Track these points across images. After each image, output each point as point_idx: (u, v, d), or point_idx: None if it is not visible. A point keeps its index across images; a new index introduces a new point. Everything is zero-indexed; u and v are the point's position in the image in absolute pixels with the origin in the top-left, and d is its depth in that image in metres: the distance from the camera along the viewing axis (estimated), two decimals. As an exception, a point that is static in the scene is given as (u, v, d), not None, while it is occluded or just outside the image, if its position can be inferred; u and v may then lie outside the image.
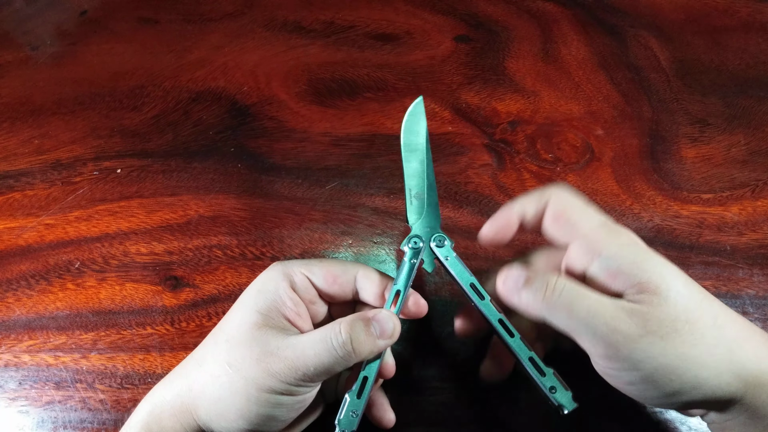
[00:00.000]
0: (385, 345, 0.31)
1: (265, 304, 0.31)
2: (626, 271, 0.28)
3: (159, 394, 0.31)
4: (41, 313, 0.42)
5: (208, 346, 0.32)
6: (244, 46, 0.56)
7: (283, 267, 0.32)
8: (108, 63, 0.56)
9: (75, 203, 0.47)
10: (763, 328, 0.39)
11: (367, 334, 0.29)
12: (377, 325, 0.30)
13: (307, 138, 0.49)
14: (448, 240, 0.34)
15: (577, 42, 0.55)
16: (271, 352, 0.29)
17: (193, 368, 0.31)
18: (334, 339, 0.29)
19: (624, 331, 0.26)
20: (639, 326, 0.26)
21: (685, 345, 0.26)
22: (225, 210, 0.46)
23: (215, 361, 0.30)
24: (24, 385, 0.39)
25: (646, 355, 0.26)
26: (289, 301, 0.31)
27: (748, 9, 0.56)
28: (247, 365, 0.29)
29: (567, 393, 0.31)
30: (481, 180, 0.46)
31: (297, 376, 0.28)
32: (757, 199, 0.44)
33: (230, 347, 0.30)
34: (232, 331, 0.30)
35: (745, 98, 0.50)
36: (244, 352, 0.29)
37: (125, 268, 0.43)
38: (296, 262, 0.33)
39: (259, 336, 0.29)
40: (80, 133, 0.51)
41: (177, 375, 0.32)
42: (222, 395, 0.29)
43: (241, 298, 0.32)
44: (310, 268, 0.32)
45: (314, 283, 0.32)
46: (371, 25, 0.57)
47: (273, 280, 0.32)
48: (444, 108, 0.50)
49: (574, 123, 0.49)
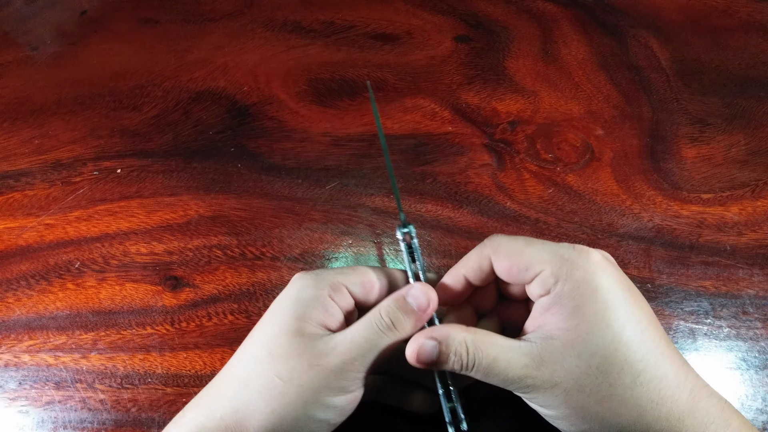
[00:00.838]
0: (428, 316, 0.31)
1: (304, 311, 0.30)
2: (563, 311, 0.28)
3: (197, 422, 0.29)
4: (41, 313, 0.42)
5: (246, 361, 0.31)
6: (244, 46, 0.56)
7: (317, 275, 0.32)
8: (108, 63, 0.56)
9: (75, 203, 0.47)
10: (763, 329, 0.39)
11: (405, 311, 0.30)
12: (412, 300, 0.31)
13: (307, 138, 0.49)
14: (410, 228, 0.35)
15: (577, 42, 0.55)
16: (322, 353, 0.29)
17: (237, 389, 0.30)
18: (378, 324, 0.29)
19: (532, 383, 0.28)
20: (547, 377, 0.27)
21: (590, 402, 0.27)
22: (225, 210, 0.46)
23: (261, 376, 0.29)
24: (24, 385, 0.39)
25: (554, 401, 0.28)
26: (330, 309, 0.31)
27: (748, 9, 0.56)
28: (298, 373, 0.28)
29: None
30: (481, 180, 0.46)
31: (353, 367, 0.29)
32: (757, 199, 0.44)
33: (275, 359, 0.29)
34: (272, 344, 0.30)
35: (745, 98, 0.50)
36: (293, 362, 0.29)
37: (125, 268, 0.43)
38: (328, 271, 0.33)
39: (303, 344, 0.29)
40: (80, 133, 0.51)
41: (215, 398, 0.30)
42: (275, 408, 0.28)
43: (273, 308, 0.32)
44: (346, 276, 0.32)
45: (351, 290, 0.32)
46: (371, 25, 0.57)
47: (311, 288, 0.31)
48: (444, 108, 0.50)
49: (574, 123, 0.49)
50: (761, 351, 0.38)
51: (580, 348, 0.27)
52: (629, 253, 0.42)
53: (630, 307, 0.28)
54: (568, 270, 0.28)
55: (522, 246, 0.30)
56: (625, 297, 0.28)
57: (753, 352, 0.39)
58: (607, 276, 0.28)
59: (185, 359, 0.40)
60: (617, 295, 0.28)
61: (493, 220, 0.44)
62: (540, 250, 0.29)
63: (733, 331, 0.39)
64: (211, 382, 0.32)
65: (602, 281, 0.28)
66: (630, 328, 0.27)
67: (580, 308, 0.27)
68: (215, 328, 0.41)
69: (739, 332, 0.39)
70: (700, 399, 0.27)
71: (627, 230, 0.43)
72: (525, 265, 0.29)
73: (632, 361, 0.27)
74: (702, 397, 0.27)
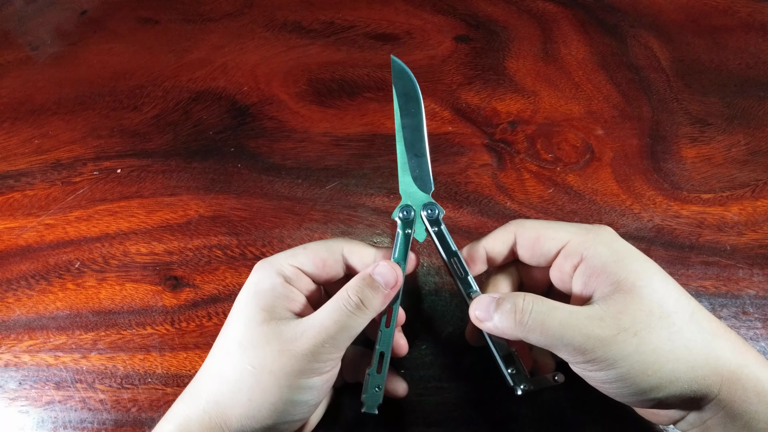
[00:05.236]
0: (394, 292, 0.32)
1: (266, 301, 0.31)
2: (606, 270, 0.29)
3: (182, 414, 0.30)
4: (41, 313, 0.42)
5: (220, 356, 0.31)
6: (244, 46, 0.56)
7: (270, 264, 0.32)
8: (108, 63, 0.56)
9: (75, 203, 0.47)
10: (763, 329, 0.39)
11: (373, 288, 0.30)
12: (379, 278, 0.31)
13: (307, 138, 0.49)
14: (439, 209, 0.34)
15: (577, 42, 0.55)
16: (291, 338, 0.29)
17: (213, 382, 0.31)
18: (346, 304, 0.30)
19: (598, 335, 0.27)
20: (612, 327, 0.27)
21: (661, 340, 0.27)
22: (225, 210, 0.46)
23: (235, 367, 0.30)
24: (24, 385, 0.39)
25: (622, 353, 0.27)
26: (289, 294, 0.31)
27: (748, 9, 0.56)
28: (270, 360, 0.29)
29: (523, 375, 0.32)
30: (481, 180, 0.46)
31: (324, 350, 0.29)
32: (757, 199, 0.44)
33: (245, 349, 0.30)
34: (241, 335, 0.30)
35: (745, 98, 0.50)
36: (263, 349, 0.29)
37: (125, 268, 0.43)
38: (280, 255, 0.33)
39: (271, 330, 0.30)
40: (80, 133, 0.51)
41: (195, 392, 0.31)
42: (252, 396, 0.29)
43: (237, 303, 0.32)
44: (297, 258, 0.33)
45: (305, 271, 0.33)
46: (371, 25, 0.57)
47: (266, 278, 0.32)
48: (444, 108, 0.50)
49: (574, 123, 0.49)
50: (761, 351, 0.38)
51: (637, 294, 0.28)
52: (629, 253, 0.42)
53: (658, 266, 0.30)
54: (595, 237, 0.30)
55: (546, 223, 0.32)
56: (650, 259, 0.30)
57: (753, 352, 0.39)
58: (628, 243, 0.30)
59: (185, 359, 0.40)
60: (645, 255, 0.30)
61: (493, 220, 0.44)
62: (563, 225, 0.32)
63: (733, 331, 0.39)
64: (192, 380, 0.32)
65: (627, 245, 0.30)
66: (670, 279, 0.29)
67: (624, 263, 0.29)
68: (215, 328, 0.41)
69: (739, 332, 0.39)
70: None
71: (627, 230, 0.43)
72: (552, 235, 0.31)
73: (683, 303, 0.28)
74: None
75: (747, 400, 0.27)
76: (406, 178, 0.35)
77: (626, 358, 0.27)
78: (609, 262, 0.29)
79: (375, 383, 0.32)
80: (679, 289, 0.29)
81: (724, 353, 0.27)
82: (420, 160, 0.35)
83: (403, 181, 0.35)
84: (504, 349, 0.32)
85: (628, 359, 0.27)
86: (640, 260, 0.29)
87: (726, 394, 0.27)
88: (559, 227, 0.31)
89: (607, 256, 0.29)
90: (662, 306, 0.28)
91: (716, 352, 0.27)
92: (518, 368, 0.32)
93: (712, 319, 0.29)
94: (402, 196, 0.34)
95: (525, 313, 0.29)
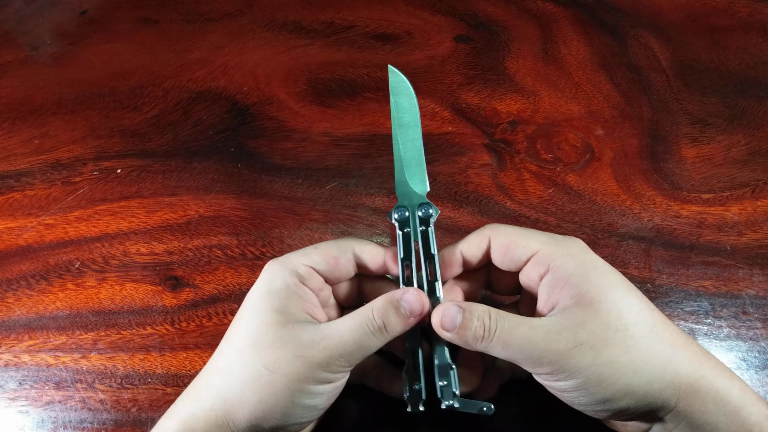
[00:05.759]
0: (416, 321, 0.32)
1: (280, 302, 0.31)
2: (570, 283, 0.29)
3: (187, 411, 0.30)
4: (41, 313, 0.42)
5: (230, 354, 0.31)
6: (244, 46, 0.56)
7: (283, 264, 0.32)
8: (108, 63, 0.56)
9: (75, 203, 0.47)
10: (763, 329, 0.39)
11: (398, 315, 0.31)
12: (406, 305, 0.31)
13: (307, 138, 0.49)
14: (433, 209, 0.34)
15: (577, 42, 0.55)
16: (308, 344, 0.29)
17: (221, 379, 0.30)
18: (369, 324, 0.30)
19: (555, 349, 0.28)
20: (569, 341, 0.28)
21: (617, 353, 0.27)
22: (225, 210, 0.46)
23: (246, 367, 0.30)
24: (24, 385, 0.39)
25: (578, 366, 0.27)
26: (303, 294, 0.31)
27: (748, 9, 0.56)
28: (284, 363, 0.29)
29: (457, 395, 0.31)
30: (481, 180, 0.46)
31: (340, 363, 0.29)
32: (757, 199, 0.44)
33: (260, 350, 0.30)
34: (255, 335, 0.30)
35: (745, 98, 0.50)
36: (278, 352, 0.29)
37: (125, 268, 0.43)
38: (293, 255, 0.33)
39: (287, 334, 0.30)
40: (80, 133, 0.51)
41: (201, 388, 0.31)
42: (263, 397, 0.29)
43: (248, 302, 0.32)
44: (310, 257, 0.33)
45: (318, 270, 0.33)
46: (371, 25, 0.57)
47: (280, 278, 0.32)
48: (444, 108, 0.50)
49: (574, 123, 0.49)
50: (761, 351, 0.38)
51: (596, 308, 0.28)
52: (629, 253, 0.42)
53: (623, 278, 0.31)
54: (564, 248, 0.31)
55: (519, 230, 0.33)
56: (616, 271, 0.31)
57: (753, 352, 0.39)
58: (596, 256, 0.31)
59: (185, 359, 0.40)
60: (611, 268, 0.31)
61: (493, 220, 0.44)
62: (535, 234, 0.32)
63: (733, 331, 0.39)
64: (196, 377, 0.32)
65: (596, 258, 0.31)
66: (633, 292, 0.30)
67: (587, 277, 0.29)
68: (215, 328, 0.41)
69: (739, 332, 0.39)
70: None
71: (627, 230, 0.43)
72: (523, 243, 0.31)
73: (644, 316, 0.29)
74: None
75: (707, 411, 0.27)
76: (402, 179, 0.35)
77: (582, 370, 0.27)
78: (573, 275, 0.29)
79: (412, 382, 0.32)
80: (641, 301, 0.29)
81: (682, 366, 0.28)
82: (416, 161, 0.35)
83: (399, 182, 0.35)
84: (443, 359, 0.32)
85: (584, 371, 0.27)
86: (604, 274, 0.30)
87: (684, 406, 0.27)
88: (530, 236, 0.32)
89: (572, 269, 0.29)
90: (621, 319, 0.28)
91: (673, 365, 0.28)
92: (450, 382, 0.32)
93: (674, 331, 0.29)
94: (398, 197, 0.35)
95: (489, 331, 0.29)
